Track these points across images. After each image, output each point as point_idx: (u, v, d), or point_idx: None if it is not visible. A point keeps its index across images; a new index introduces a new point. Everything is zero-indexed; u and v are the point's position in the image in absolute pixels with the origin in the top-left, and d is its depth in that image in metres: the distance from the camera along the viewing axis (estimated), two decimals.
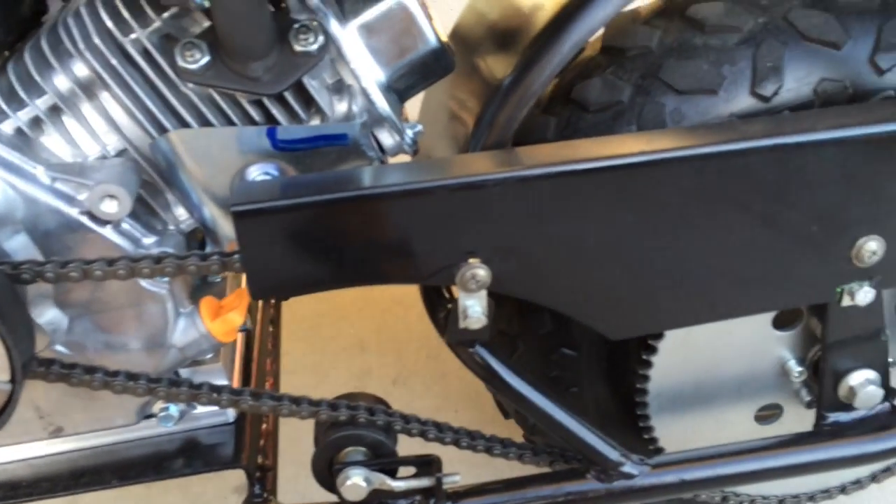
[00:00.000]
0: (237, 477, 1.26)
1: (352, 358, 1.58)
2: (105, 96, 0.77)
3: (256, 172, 0.78)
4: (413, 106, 1.04)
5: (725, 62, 0.84)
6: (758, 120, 0.80)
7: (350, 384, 1.53)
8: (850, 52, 0.83)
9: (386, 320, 1.65)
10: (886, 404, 0.92)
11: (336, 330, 1.64)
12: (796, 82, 0.82)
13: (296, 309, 1.63)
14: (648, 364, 0.92)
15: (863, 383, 0.89)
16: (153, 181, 0.81)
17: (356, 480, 0.86)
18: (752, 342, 0.93)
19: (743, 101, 0.83)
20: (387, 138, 0.82)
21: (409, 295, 0.96)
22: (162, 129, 0.77)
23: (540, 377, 0.98)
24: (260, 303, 1.19)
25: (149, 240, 0.82)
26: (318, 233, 0.73)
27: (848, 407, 0.92)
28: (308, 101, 0.79)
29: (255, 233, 0.72)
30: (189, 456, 0.94)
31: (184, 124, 0.77)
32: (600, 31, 0.91)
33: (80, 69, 0.76)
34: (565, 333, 0.96)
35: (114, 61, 0.74)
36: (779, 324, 0.92)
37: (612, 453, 0.90)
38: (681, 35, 0.86)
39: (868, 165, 0.77)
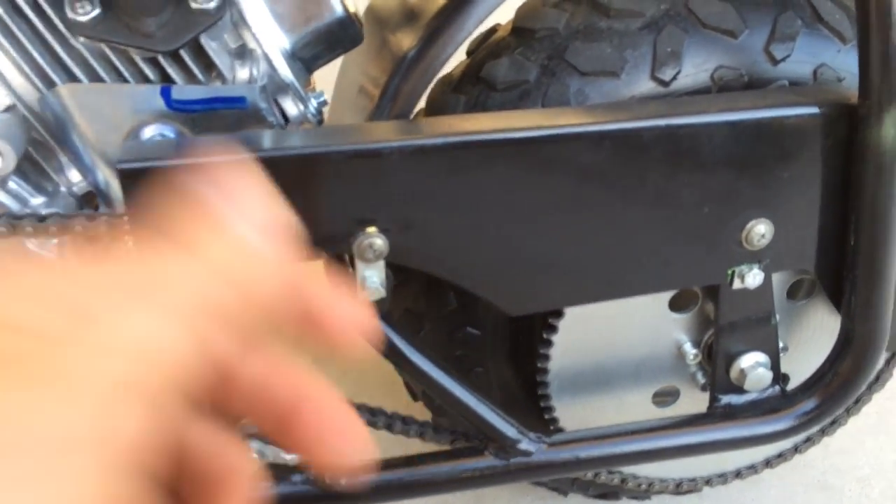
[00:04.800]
0: None
1: None
2: None
3: (151, 132, 0.76)
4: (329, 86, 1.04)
5: (628, 46, 0.85)
6: (653, 101, 0.82)
7: None
8: (747, 41, 0.85)
9: None
10: (776, 388, 0.95)
11: None
12: (694, 68, 0.84)
13: None
14: (549, 343, 0.93)
15: (753, 366, 0.92)
16: (43, 140, 0.79)
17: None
18: (649, 324, 0.94)
19: (643, 85, 0.85)
20: (290, 107, 0.82)
21: None
22: (52, 85, 0.75)
23: (445, 356, 0.98)
24: None
25: (37, 200, 0.79)
26: None
27: (740, 390, 0.94)
28: (208, 63, 0.78)
29: (143, 193, 0.70)
30: None
31: (74, 80, 0.75)
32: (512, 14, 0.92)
33: None
34: (470, 312, 0.96)
35: (0, 11, 0.72)
36: (675, 306, 0.94)
37: (510, 430, 0.90)
38: (586, 18, 0.87)
39: (758, 150, 0.79)
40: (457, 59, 0.96)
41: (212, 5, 0.72)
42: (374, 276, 0.78)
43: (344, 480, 0.84)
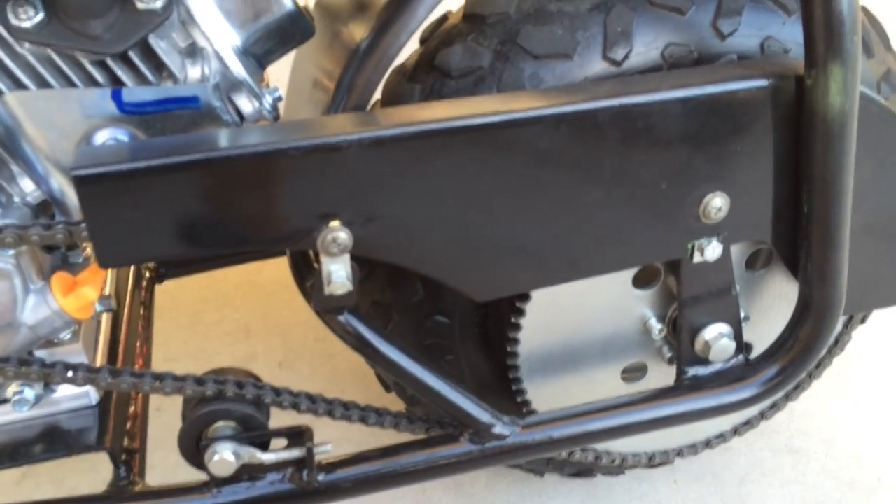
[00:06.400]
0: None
1: (236, 343, 1.55)
2: None
3: (104, 137, 0.75)
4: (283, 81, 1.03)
5: (579, 28, 0.86)
6: (607, 81, 0.83)
7: None
8: (694, 17, 0.86)
9: (272, 304, 1.63)
10: (740, 357, 0.97)
11: (220, 315, 1.60)
12: (645, 47, 0.85)
13: (176, 295, 1.59)
14: (517, 327, 0.94)
15: (716, 337, 0.94)
16: None
17: (224, 455, 0.84)
18: (614, 302, 0.96)
19: (596, 66, 0.86)
20: (245, 104, 0.81)
21: None
22: None
23: (415, 345, 0.98)
24: (129, 284, 1.15)
25: None
26: (168, 197, 0.70)
27: (705, 361, 0.96)
28: (158, 64, 0.76)
29: (100, 198, 0.69)
30: (48, 441, 0.90)
31: (22, 88, 0.73)
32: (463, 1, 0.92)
33: None
34: (437, 301, 0.97)
35: None
36: (639, 283, 0.96)
37: (484, 415, 0.91)
38: (537, 1, 0.88)
39: (710, 125, 0.80)
40: (410, 49, 0.96)
41: (158, 4, 0.71)
42: (340, 271, 0.78)
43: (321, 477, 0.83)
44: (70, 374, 0.80)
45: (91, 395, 0.92)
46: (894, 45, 1.01)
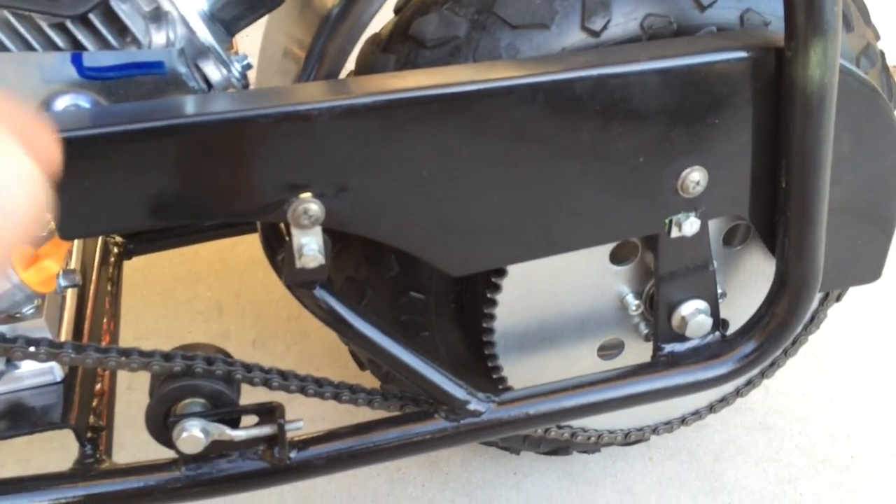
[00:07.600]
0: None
1: (209, 321, 1.53)
2: None
3: (65, 103, 0.72)
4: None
5: None
6: (584, 52, 0.81)
7: None
8: None
9: (245, 282, 1.60)
10: (717, 334, 0.96)
11: (192, 293, 1.58)
12: (624, 17, 0.84)
13: (148, 272, 1.56)
14: (493, 303, 0.93)
15: (693, 313, 0.93)
16: None
17: (193, 432, 0.83)
18: (591, 278, 0.95)
19: (574, 36, 0.84)
20: (213, 71, 0.79)
21: None
22: None
23: (390, 321, 0.97)
24: (97, 260, 1.12)
25: None
26: (131, 166, 0.68)
27: (682, 337, 0.95)
28: (121, 28, 0.74)
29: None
30: (11, 418, 0.87)
31: None
32: None
33: None
34: (412, 276, 0.95)
35: None
36: (616, 259, 0.94)
37: (459, 392, 0.90)
38: None
39: (688, 97, 0.79)
40: (384, 18, 0.94)
41: None
42: (311, 243, 0.76)
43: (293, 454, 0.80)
44: (32, 349, 0.77)
45: (55, 371, 0.89)
46: (874, 20, 1.00)
